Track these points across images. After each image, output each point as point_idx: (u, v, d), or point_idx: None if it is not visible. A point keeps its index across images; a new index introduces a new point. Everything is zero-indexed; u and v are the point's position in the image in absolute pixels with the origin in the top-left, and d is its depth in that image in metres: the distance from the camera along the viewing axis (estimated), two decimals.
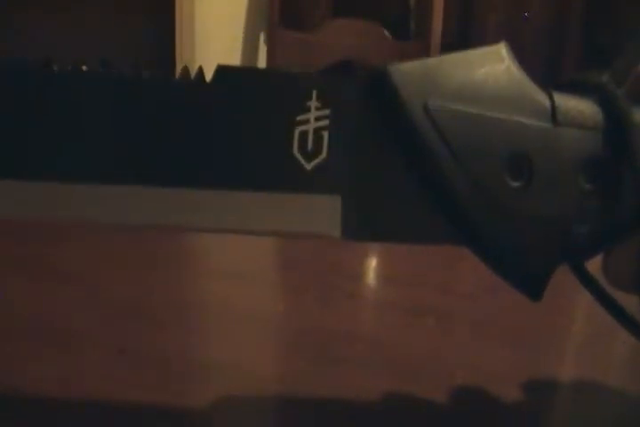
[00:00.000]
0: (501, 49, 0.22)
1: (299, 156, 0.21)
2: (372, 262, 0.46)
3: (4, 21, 1.52)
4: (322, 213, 0.21)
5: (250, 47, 1.80)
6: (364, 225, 0.22)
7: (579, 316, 0.39)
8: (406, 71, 0.21)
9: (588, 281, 0.24)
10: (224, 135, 0.21)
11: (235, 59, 1.76)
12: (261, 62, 1.73)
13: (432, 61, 0.22)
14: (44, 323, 0.33)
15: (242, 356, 0.31)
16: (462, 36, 1.78)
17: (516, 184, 0.21)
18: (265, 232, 0.22)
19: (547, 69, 1.73)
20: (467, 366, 0.31)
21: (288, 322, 0.35)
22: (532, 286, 0.22)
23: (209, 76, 0.21)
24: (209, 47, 1.65)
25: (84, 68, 0.21)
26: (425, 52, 1.52)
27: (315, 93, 0.21)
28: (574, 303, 0.38)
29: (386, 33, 1.56)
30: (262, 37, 1.77)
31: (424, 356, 0.32)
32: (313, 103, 0.21)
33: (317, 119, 0.21)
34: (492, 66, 0.22)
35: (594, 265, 0.24)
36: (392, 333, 0.34)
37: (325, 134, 0.21)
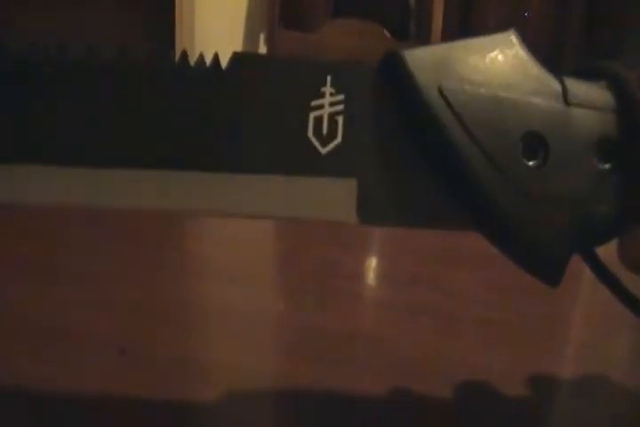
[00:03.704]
0: (511, 35, 0.23)
1: (314, 140, 0.21)
2: (372, 262, 0.46)
3: (4, 21, 1.52)
4: (337, 196, 0.21)
5: (250, 47, 1.80)
6: (379, 209, 0.22)
7: (579, 315, 0.39)
8: (420, 55, 0.21)
9: (599, 269, 0.24)
10: (238, 121, 0.21)
11: None
12: None
13: (444, 46, 0.22)
14: (44, 323, 0.33)
15: (242, 356, 0.31)
16: (462, 37, 1.78)
17: (531, 164, 0.22)
18: (279, 216, 0.22)
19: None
20: (467, 365, 0.31)
21: (288, 322, 0.35)
22: (550, 271, 0.22)
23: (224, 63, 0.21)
24: (209, 47, 1.64)
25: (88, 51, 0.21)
26: None
27: (329, 79, 0.21)
28: (574, 303, 0.38)
29: (386, 33, 1.56)
30: (262, 37, 1.77)
31: (424, 356, 0.32)
32: (327, 89, 0.21)
33: (332, 104, 0.21)
34: (503, 51, 0.22)
35: (605, 253, 0.24)
36: (392, 333, 0.34)
37: (340, 119, 0.21)
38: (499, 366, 0.31)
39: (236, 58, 0.21)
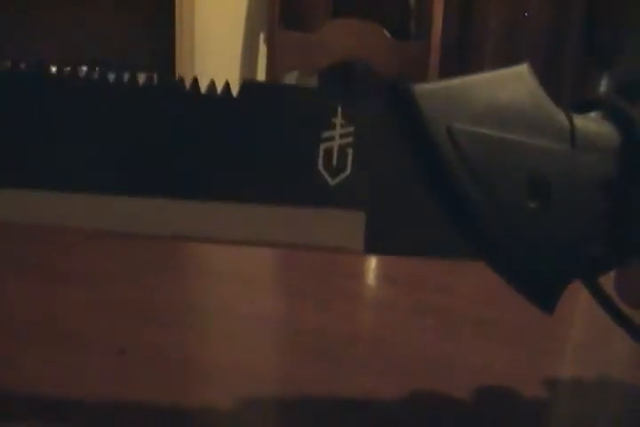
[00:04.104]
0: (524, 70, 0.23)
1: (323, 172, 0.21)
2: (372, 262, 0.46)
3: (4, 21, 1.52)
4: (345, 227, 0.22)
5: (250, 47, 1.80)
6: (387, 240, 0.22)
7: (579, 316, 0.39)
8: (431, 92, 0.22)
9: (601, 297, 0.25)
10: (249, 149, 0.21)
11: (235, 59, 1.76)
12: (261, 62, 1.73)
13: (457, 82, 0.22)
14: (44, 323, 0.33)
15: (242, 356, 0.31)
16: (462, 36, 1.78)
17: (533, 205, 0.22)
18: (286, 244, 0.22)
19: (547, 69, 1.73)
20: (467, 365, 0.31)
21: (288, 322, 0.35)
22: (545, 301, 0.23)
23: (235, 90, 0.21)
24: (209, 47, 1.65)
25: (99, 75, 0.21)
26: (425, 52, 1.52)
27: (340, 110, 0.21)
28: (575, 303, 0.38)
29: (386, 33, 1.56)
30: (262, 37, 1.77)
31: (424, 356, 0.32)
32: (338, 120, 0.21)
33: (342, 136, 0.22)
34: (516, 88, 0.22)
35: (605, 279, 0.24)
36: (392, 333, 0.34)
37: (350, 151, 0.22)
38: (499, 366, 0.31)
39: (247, 86, 0.21)
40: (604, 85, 1.66)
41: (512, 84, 0.22)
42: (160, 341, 0.31)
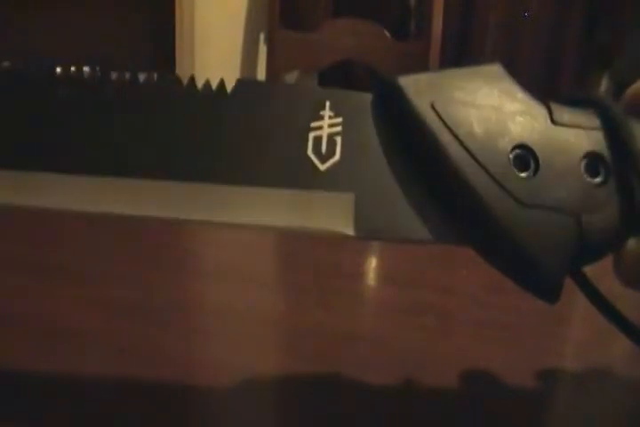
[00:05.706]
0: (496, 68, 0.24)
1: (313, 157, 0.22)
2: (372, 262, 0.46)
3: (4, 21, 1.52)
4: (335, 210, 0.22)
5: (250, 47, 1.80)
6: (377, 223, 0.22)
7: (578, 315, 0.39)
8: (413, 79, 0.23)
9: (586, 287, 0.24)
10: (243, 139, 0.22)
11: (235, 59, 1.76)
12: (261, 62, 1.73)
13: (435, 73, 0.23)
14: (44, 323, 0.33)
15: (242, 356, 0.31)
16: (462, 36, 1.78)
17: (523, 175, 0.22)
18: (278, 228, 0.22)
19: (547, 69, 1.73)
20: (466, 366, 0.31)
21: (288, 322, 0.35)
22: (548, 288, 0.22)
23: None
24: (209, 47, 1.65)
25: (100, 73, 0.22)
26: (425, 52, 1.52)
27: (328, 103, 0.23)
28: (574, 303, 0.38)
29: (386, 33, 1.56)
30: (262, 37, 1.77)
31: (424, 356, 0.32)
32: (326, 112, 0.23)
33: (330, 126, 0.23)
34: (491, 79, 0.23)
35: (591, 271, 0.24)
36: (392, 333, 0.34)
37: (338, 139, 0.23)
38: (498, 366, 0.31)
39: (241, 84, 0.23)
40: (604, 85, 1.66)
41: (488, 77, 0.23)
42: (160, 340, 0.31)
